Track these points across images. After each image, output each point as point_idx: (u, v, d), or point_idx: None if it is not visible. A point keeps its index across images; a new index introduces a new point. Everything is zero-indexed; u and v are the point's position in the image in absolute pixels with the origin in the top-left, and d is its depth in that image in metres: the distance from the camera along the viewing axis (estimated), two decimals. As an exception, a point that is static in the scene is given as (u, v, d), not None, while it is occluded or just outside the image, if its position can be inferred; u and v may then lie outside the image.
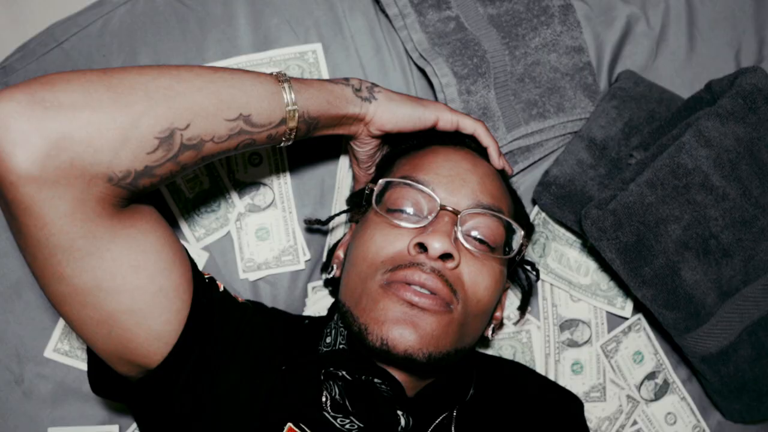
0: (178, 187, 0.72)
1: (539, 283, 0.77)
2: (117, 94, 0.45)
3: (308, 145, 0.76)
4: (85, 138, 0.44)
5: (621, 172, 0.73)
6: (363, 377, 0.57)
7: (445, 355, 0.56)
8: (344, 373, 0.57)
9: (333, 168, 0.76)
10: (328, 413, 0.57)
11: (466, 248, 0.58)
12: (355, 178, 0.72)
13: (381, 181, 0.61)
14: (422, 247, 0.56)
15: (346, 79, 0.60)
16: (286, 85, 0.54)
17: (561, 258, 0.77)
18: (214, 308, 0.56)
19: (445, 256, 0.56)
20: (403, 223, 0.58)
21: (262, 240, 0.74)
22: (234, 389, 0.55)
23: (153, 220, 0.52)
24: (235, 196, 0.73)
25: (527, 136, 0.78)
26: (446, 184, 0.60)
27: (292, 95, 0.54)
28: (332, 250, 0.73)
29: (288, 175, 0.75)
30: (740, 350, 0.70)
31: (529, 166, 0.79)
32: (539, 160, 0.79)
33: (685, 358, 0.77)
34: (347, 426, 0.56)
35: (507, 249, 0.62)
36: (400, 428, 0.56)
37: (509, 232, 0.62)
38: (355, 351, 0.59)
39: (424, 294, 0.55)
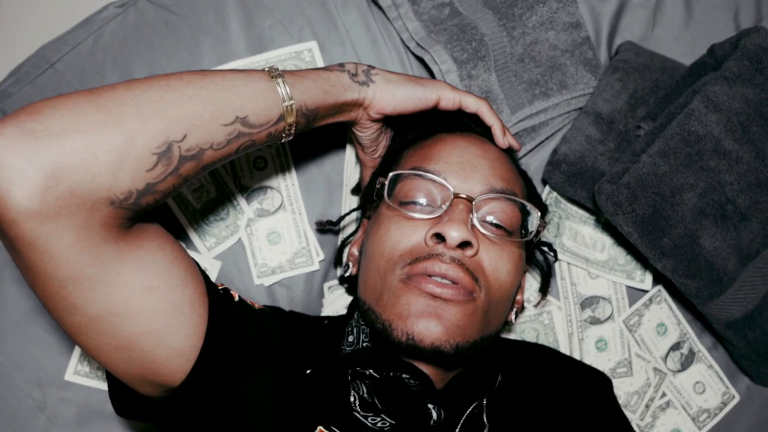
0: (185, 198, 0.72)
1: (556, 264, 0.76)
2: (107, 113, 0.44)
3: (312, 145, 0.75)
4: (82, 164, 0.42)
5: (631, 144, 0.72)
6: (391, 374, 0.56)
7: (472, 344, 0.55)
8: (371, 371, 0.56)
9: (339, 165, 0.75)
10: (358, 413, 0.56)
11: (483, 234, 0.57)
12: (361, 163, 0.70)
13: (391, 174, 0.60)
14: (439, 237, 0.55)
15: (341, 65, 0.59)
16: (279, 80, 0.52)
17: (576, 236, 0.76)
18: (231, 319, 0.55)
19: (464, 245, 0.55)
20: (417, 215, 0.58)
21: (274, 244, 0.73)
22: (259, 398, 0.55)
23: (159, 237, 0.51)
24: (243, 202, 0.73)
25: (532, 116, 0.77)
26: (457, 172, 0.59)
27: (287, 89, 0.52)
28: (343, 245, 0.72)
29: (294, 176, 0.74)
30: (765, 313, 0.70)
31: (536, 146, 0.78)
32: (546, 139, 0.78)
33: (708, 326, 0.76)
34: (379, 424, 0.56)
35: (523, 232, 0.61)
36: (432, 422, 0.55)
37: (524, 215, 0.61)
38: (380, 348, 0.59)
39: (446, 284, 0.54)
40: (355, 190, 0.74)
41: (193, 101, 0.47)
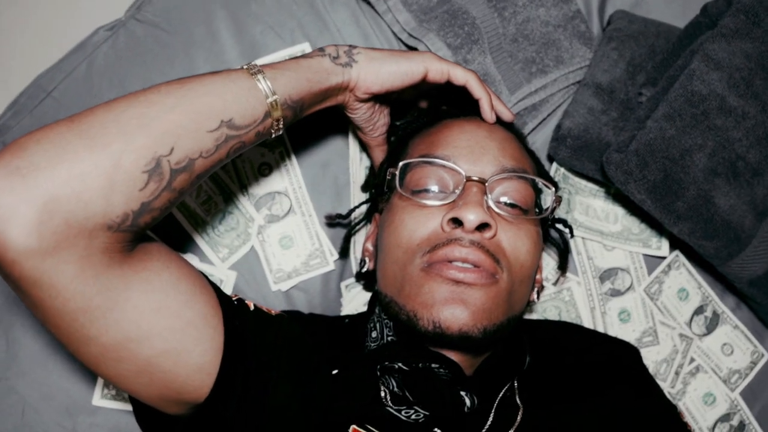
0: (194, 212, 0.71)
1: (571, 239, 0.76)
2: (90, 138, 0.43)
3: (316, 145, 0.75)
4: (72, 193, 0.42)
5: (634, 112, 0.71)
6: (420, 364, 0.56)
7: (499, 326, 0.55)
8: (400, 364, 0.56)
9: (344, 164, 0.75)
10: (391, 407, 0.56)
11: (499, 215, 0.57)
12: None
13: (400, 164, 0.60)
14: (456, 222, 0.55)
15: (321, 49, 0.57)
16: (260, 76, 0.51)
17: (587, 210, 0.76)
18: (248, 328, 0.55)
19: (482, 227, 0.55)
20: (431, 202, 0.57)
21: (287, 248, 0.73)
22: (286, 404, 0.54)
23: (163, 256, 0.51)
24: (251, 209, 0.73)
25: (532, 94, 0.77)
26: (467, 155, 0.59)
27: (269, 84, 0.51)
28: (349, 235, 0.72)
29: (301, 179, 0.74)
30: (787, 267, 0.69)
31: (539, 124, 0.78)
32: (548, 116, 0.78)
33: (730, 286, 0.76)
34: (413, 416, 0.55)
35: (537, 210, 0.61)
36: (466, 408, 0.55)
37: (537, 193, 0.61)
38: (406, 340, 0.58)
39: (468, 269, 0.54)
40: (365, 187, 0.74)
41: (176, 112, 0.46)
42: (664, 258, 0.76)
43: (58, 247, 0.42)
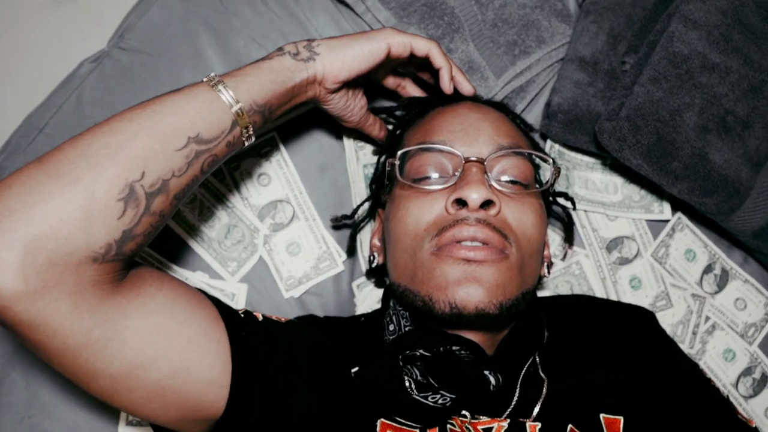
0: (198, 229, 0.72)
1: (574, 214, 0.76)
2: (60, 176, 0.43)
3: (311, 150, 0.75)
4: (51, 231, 0.42)
5: (620, 80, 0.72)
6: (441, 349, 0.56)
7: (515, 301, 0.55)
8: (421, 351, 0.56)
9: (342, 165, 0.76)
10: (417, 396, 0.56)
11: (501, 192, 0.57)
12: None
13: (399, 153, 0.60)
14: (460, 203, 0.56)
15: (280, 49, 0.56)
16: (220, 86, 0.50)
17: (586, 183, 0.77)
18: (258, 338, 0.55)
19: (486, 204, 0.55)
20: (433, 187, 0.58)
21: (294, 255, 0.73)
22: (309, 407, 0.54)
23: (155, 279, 0.51)
24: (255, 220, 0.73)
25: (518, 76, 0.78)
26: (462, 138, 0.59)
27: (231, 93, 0.50)
28: (354, 233, 0.72)
29: (300, 185, 0.74)
30: (788, 214, 0.70)
31: (528, 105, 0.79)
32: (536, 95, 0.79)
33: (735, 241, 0.76)
34: (440, 401, 0.55)
35: (538, 185, 0.62)
36: (491, 387, 0.55)
37: (536, 168, 0.62)
38: (424, 326, 0.59)
39: (477, 247, 0.54)
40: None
41: (141, 136, 0.46)
42: (667, 221, 0.77)
43: (47, 286, 0.42)
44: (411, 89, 0.69)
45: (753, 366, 0.74)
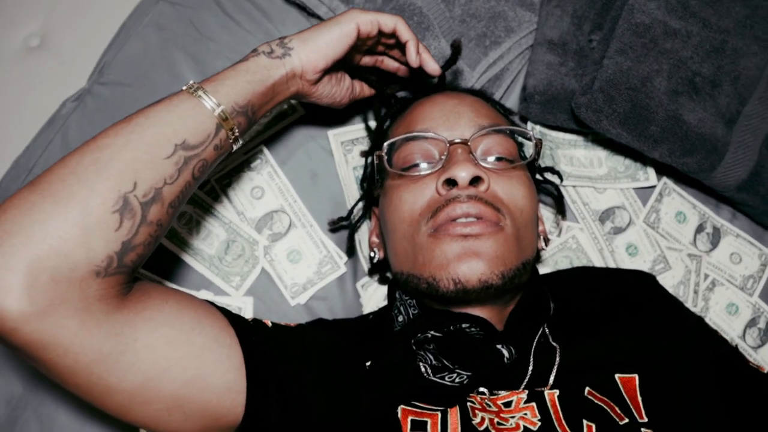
0: (198, 248, 0.72)
1: (564, 191, 0.78)
2: (53, 195, 0.44)
3: (300, 159, 0.77)
4: (51, 250, 0.43)
5: (588, 57, 0.75)
6: (451, 327, 0.57)
7: (516, 270, 0.56)
8: (432, 332, 0.57)
9: (333, 170, 0.77)
10: (433, 378, 0.56)
11: (488, 169, 0.59)
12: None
13: (385, 145, 0.62)
14: (450, 183, 0.57)
15: (255, 50, 0.57)
16: (200, 92, 0.51)
17: (572, 160, 0.79)
18: (269, 342, 0.56)
19: (475, 180, 0.57)
20: (422, 173, 0.59)
21: (296, 262, 0.74)
22: (329, 405, 0.54)
23: (159, 292, 0.51)
24: (253, 233, 0.74)
25: (491, 66, 0.81)
26: (444, 123, 0.61)
27: (212, 98, 0.51)
28: (352, 233, 0.73)
29: (294, 193, 0.75)
30: (767, 164, 0.72)
31: (504, 92, 0.81)
32: (512, 82, 0.81)
33: (721, 198, 0.79)
34: (457, 380, 0.56)
35: (523, 159, 0.63)
36: (506, 359, 0.56)
37: (519, 145, 0.64)
38: (431, 310, 0.59)
39: (472, 222, 0.55)
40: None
41: (128, 149, 0.47)
42: (653, 187, 0.79)
43: (53, 304, 0.42)
44: (389, 62, 0.70)
45: (757, 316, 0.75)
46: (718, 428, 0.56)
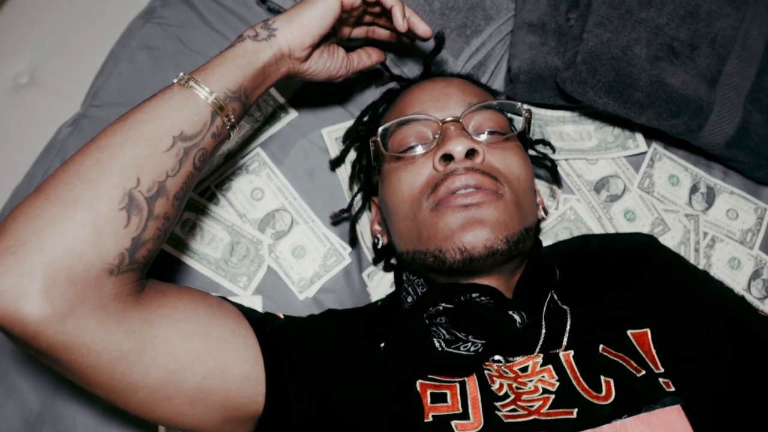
0: (203, 252, 0.73)
1: (557, 165, 0.79)
2: (60, 198, 0.45)
3: (297, 158, 0.78)
4: (65, 252, 0.44)
5: (568, 35, 0.77)
6: (462, 298, 0.57)
7: (519, 235, 0.57)
8: (443, 304, 0.57)
9: (329, 167, 0.78)
10: (448, 349, 0.57)
11: (482, 143, 0.60)
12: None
13: (379, 130, 0.63)
14: (447, 158, 0.58)
15: (240, 36, 0.58)
16: (191, 82, 0.52)
17: (562, 136, 0.80)
18: (283, 331, 0.56)
19: (470, 153, 0.58)
20: (418, 153, 0.61)
21: (301, 257, 0.75)
22: (347, 388, 0.55)
23: (172, 290, 0.52)
24: (256, 233, 0.74)
25: (475, 54, 0.83)
26: (434, 105, 0.63)
27: (203, 87, 0.52)
28: (353, 224, 0.74)
29: (293, 191, 0.76)
30: (753, 119, 0.74)
31: (489, 77, 0.83)
32: (495, 68, 0.84)
33: (711, 157, 0.80)
34: (472, 348, 0.56)
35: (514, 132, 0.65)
36: (518, 325, 0.56)
37: (509, 120, 0.65)
38: (440, 286, 0.60)
39: (471, 192, 0.57)
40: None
41: (128, 146, 0.48)
42: (644, 153, 0.80)
43: (72, 305, 0.43)
44: (380, 32, 0.71)
45: (759, 268, 0.76)
46: (732, 375, 0.56)
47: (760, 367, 0.58)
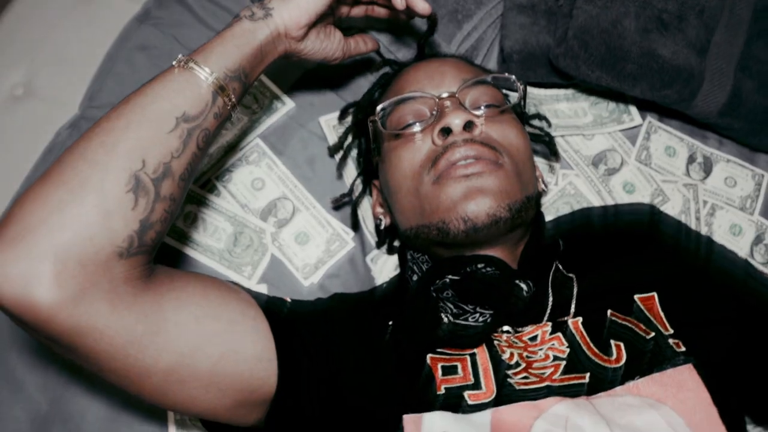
0: (206, 244, 0.73)
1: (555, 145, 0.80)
2: (67, 183, 0.45)
3: (296, 147, 0.79)
4: (74, 236, 0.43)
5: (557, 14, 0.78)
6: (468, 269, 0.57)
7: (521, 203, 0.58)
8: (450, 276, 0.58)
9: (326, 153, 0.79)
10: (456, 321, 0.57)
11: (479, 116, 0.61)
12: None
13: (378, 109, 0.64)
14: (445, 131, 0.59)
15: (237, 16, 0.58)
16: (191, 63, 0.52)
17: (557, 113, 0.81)
18: (292, 314, 0.57)
19: (468, 126, 0.59)
20: (417, 129, 0.61)
21: (304, 243, 0.75)
22: (358, 366, 0.55)
23: (181, 275, 0.53)
24: (259, 222, 0.75)
25: (467, 38, 0.84)
26: (429, 83, 0.63)
27: (203, 68, 0.52)
28: (354, 208, 0.75)
29: (294, 179, 0.77)
30: (744, 86, 0.75)
31: (482, 60, 0.84)
32: (488, 51, 0.84)
33: (705, 127, 0.81)
34: (480, 319, 0.56)
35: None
36: (525, 293, 0.57)
37: (504, 96, 0.66)
38: (445, 259, 0.60)
39: (472, 163, 0.57)
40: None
41: (131, 129, 0.48)
42: (639, 126, 0.81)
43: (83, 289, 0.43)
44: (379, 10, 0.71)
45: (761, 233, 0.76)
46: (739, 334, 0.57)
47: (762, 328, 0.59)
